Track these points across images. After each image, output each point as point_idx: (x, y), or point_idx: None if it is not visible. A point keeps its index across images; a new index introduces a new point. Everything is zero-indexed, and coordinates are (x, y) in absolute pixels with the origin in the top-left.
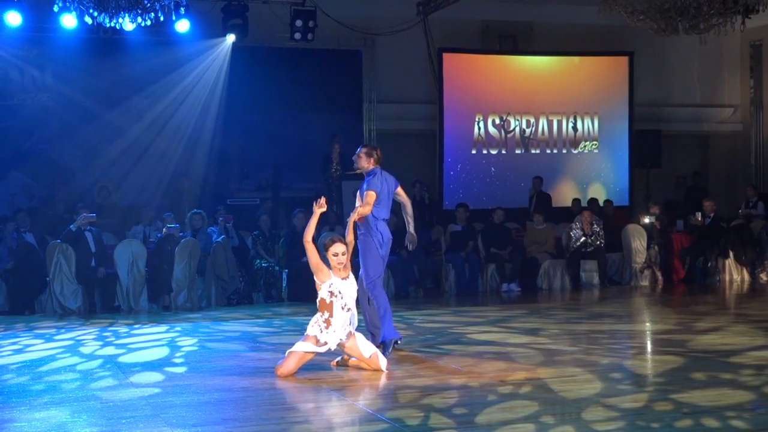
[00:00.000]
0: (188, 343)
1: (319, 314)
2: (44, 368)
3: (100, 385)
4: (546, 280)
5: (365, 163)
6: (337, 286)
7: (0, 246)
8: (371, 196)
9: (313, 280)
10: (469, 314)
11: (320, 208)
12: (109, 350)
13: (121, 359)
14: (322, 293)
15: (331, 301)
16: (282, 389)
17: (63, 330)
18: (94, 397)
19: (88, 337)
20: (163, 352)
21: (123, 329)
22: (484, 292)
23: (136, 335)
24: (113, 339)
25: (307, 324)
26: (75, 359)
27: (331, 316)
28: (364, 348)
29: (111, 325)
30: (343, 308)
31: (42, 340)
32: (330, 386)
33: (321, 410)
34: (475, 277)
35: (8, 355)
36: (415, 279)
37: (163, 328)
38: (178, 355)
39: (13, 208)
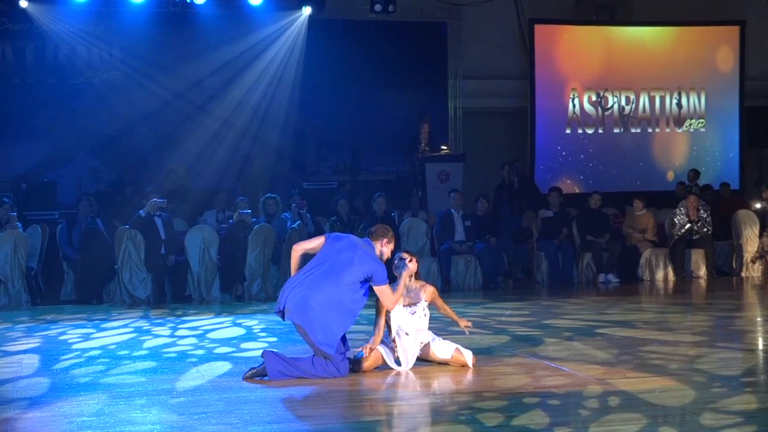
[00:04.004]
0: (262, 335)
1: (387, 332)
2: (110, 360)
3: (170, 379)
4: (647, 271)
5: None
6: (396, 317)
7: (74, 231)
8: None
9: (391, 271)
10: (562, 308)
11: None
12: (180, 342)
13: (192, 352)
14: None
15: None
16: (363, 386)
17: (131, 319)
18: (164, 392)
19: (155, 327)
20: (235, 344)
21: (192, 319)
22: (579, 284)
23: (206, 326)
24: (182, 329)
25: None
26: (143, 352)
27: (394, 342)
28: (443, 351)
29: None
30: (407, 334)
31: (106, 331)
32: (414, 384)
33: (405, 410)
34: (569, 267)
35: (75, 342)
36: (504, 269)
37: (235, 318)
38: (251, 348)
39: (79, 192)
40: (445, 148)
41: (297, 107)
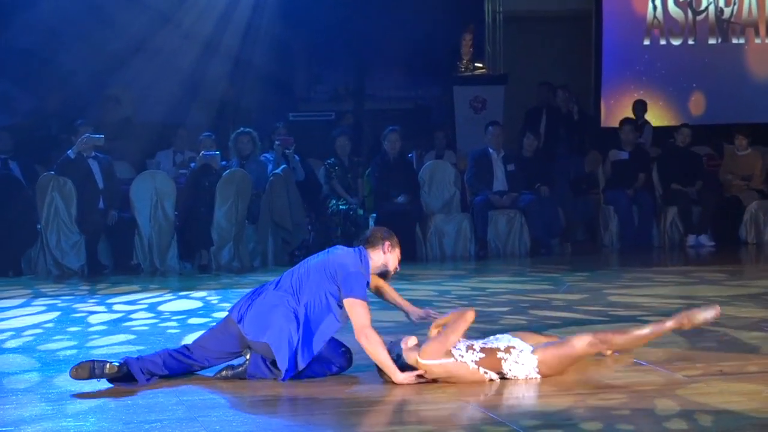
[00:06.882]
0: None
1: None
2: (36, 351)
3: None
4: (753, 230)
5: None
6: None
7: None
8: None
9: (410, 231)
10: (637, 281)
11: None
12: (121, 328)
13: (140, 341)
14: None
15: None
16: (368, 384)
17: (56, 297)
18: (105, 393)
19: (89, 307)
20: (198, 333)
21: (143, 296)
22: (660, 248)
23: (157, 306)
24: (124, 312)
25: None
26: (75, 340)
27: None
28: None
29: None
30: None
31: (24, 312)
32: (433, 395)
33: (425, 416)
34: (647, 226)
35: None
36: (561, 228)
37: (197, 295)
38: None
39: None
40: (480, 66)
41: (282, 12)
